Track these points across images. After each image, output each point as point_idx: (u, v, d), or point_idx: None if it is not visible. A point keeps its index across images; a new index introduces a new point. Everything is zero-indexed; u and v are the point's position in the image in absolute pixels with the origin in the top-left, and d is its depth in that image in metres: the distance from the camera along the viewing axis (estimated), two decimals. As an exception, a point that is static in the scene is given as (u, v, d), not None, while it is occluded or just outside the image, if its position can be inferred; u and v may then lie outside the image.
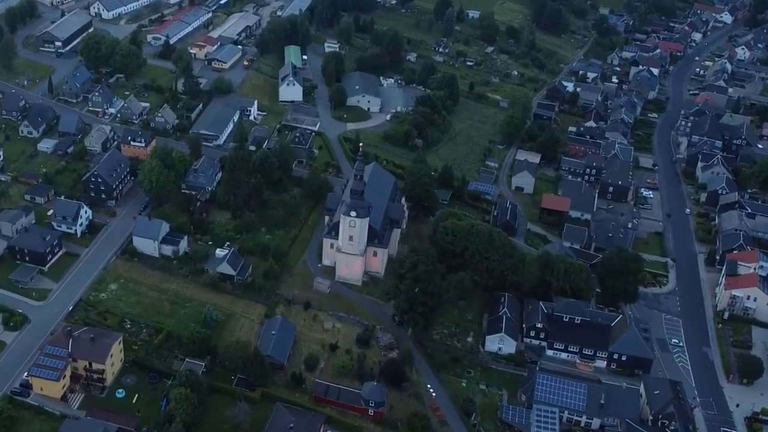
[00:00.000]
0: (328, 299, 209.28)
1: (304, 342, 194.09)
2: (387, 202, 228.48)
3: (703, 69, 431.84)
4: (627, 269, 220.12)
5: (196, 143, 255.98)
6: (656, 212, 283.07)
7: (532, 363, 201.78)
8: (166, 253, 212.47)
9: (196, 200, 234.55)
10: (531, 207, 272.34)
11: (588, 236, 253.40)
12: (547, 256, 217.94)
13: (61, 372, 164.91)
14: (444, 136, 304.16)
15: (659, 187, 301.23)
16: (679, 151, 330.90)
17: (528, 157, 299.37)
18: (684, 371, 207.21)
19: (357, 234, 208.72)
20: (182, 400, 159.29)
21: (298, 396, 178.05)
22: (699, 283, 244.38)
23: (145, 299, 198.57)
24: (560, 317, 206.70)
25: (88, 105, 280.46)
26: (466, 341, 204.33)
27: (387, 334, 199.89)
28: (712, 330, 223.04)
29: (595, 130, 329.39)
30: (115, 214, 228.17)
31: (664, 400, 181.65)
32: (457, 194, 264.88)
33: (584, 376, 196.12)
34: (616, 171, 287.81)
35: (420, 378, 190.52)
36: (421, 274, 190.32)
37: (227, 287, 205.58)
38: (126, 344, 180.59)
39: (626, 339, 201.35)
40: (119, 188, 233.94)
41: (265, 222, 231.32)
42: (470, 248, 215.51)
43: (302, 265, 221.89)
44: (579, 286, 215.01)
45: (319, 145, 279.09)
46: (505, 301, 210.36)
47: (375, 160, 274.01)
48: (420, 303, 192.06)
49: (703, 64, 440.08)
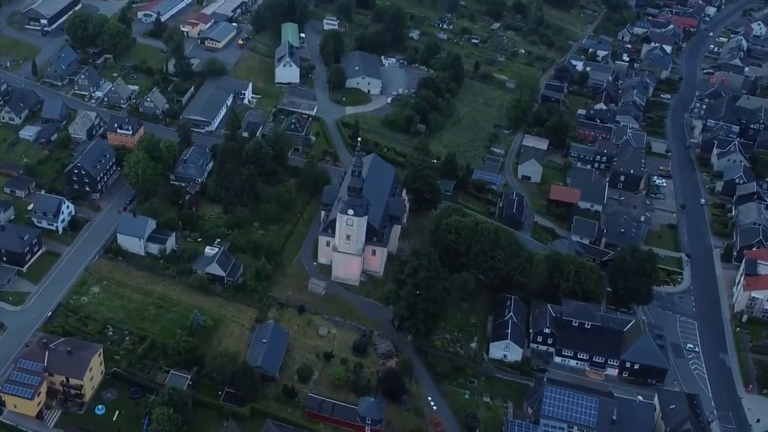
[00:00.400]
0: (323, 302, 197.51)
1: (297, 350, 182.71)
2: (387, 196, 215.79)
3: (718, 46, 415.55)
4: (641, 270, 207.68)
5: (187, 130, 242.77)
6: (669, 203, 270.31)
7: (539, 371, 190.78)
8: (152, 251, 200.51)
9: (185, 193, 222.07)
10: (538, 197, 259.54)
11: (598, 230, 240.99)
12: (556, 256, 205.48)
13: (36, 389, 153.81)
14: (447, 120, 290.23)
15: (672, 174, 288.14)
16: (693, 136, 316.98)
17: (535, 143, 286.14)
18: (700, 379, 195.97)
19: (355, 233, 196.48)
20: (165, 421, 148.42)
21: (290, 411, 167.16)
22: (715, 281, 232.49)
23: (129, 303, 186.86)
24: (569, 322, 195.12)
25: (73, 88, 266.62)
26: (469, 348, 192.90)
27: (385, 341, 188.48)
28: (729, 334, 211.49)
29: (606, 113, 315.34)
30: (99, 209, 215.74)
31: (681, 416, 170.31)
32: (461, 184, 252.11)
33: (594, 387, 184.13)
34: (628, 159, 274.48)
35: (420, 389, 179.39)
36: (422, 280, 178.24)
37: (216, 289, 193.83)
38: (107, 354, 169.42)
39: (640, 346, 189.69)
40: (104, 180, 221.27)
41: (258, 216, 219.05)
42: (475, 247, 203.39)
43: (297, 263, 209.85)
44: (589, 288, 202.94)
45: (316, 132, 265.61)
46: (511, 304, 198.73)
47: (375, 147, 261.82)
48: (421, 310, 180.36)
49: (718, 41, 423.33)
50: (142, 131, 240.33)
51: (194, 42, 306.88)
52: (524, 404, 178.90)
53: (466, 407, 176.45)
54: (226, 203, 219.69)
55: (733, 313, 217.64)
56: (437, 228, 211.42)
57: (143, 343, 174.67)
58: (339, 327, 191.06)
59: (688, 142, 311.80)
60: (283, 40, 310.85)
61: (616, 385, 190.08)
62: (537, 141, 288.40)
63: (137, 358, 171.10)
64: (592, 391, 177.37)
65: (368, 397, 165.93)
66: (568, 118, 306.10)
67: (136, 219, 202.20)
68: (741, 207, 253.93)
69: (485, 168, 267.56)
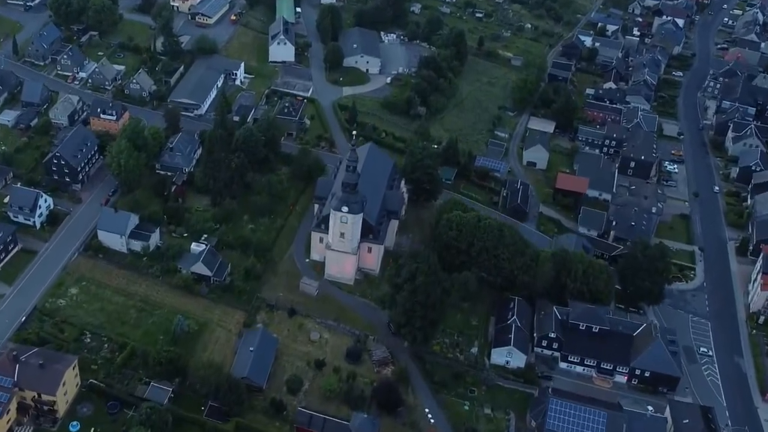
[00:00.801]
0: (315, 303, 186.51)
1: (287, 357, 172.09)
2: (384, 189, 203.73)
3: (732, 19, 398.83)
4: (652, 268, 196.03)
5: (174, 115, 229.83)
6: (682, 190, 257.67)
7: (544, 377, 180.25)
8: (135, 248, 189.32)
9: (171, 184, 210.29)
10: (544, 185, 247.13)
11: (607, 221, 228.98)
12: (563, 254, 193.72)
13: (5, 406, 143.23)
14: (449, 102, 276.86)
15: (685, 159, 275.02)
16: (706, 117, 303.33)
17: (541, 125, 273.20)
18: (713, 386, 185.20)
19: (349, 231, 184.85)
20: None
21: (278, 426, 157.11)
22: (730, 277, 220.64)
23: (109, 306, 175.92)
24: (576, 326, 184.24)
25: (56, 68, 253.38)
26: (469, 353, 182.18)
27: (381, 347, 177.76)
28: (744, 336, 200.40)
29: (615, 92, 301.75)
30: (80, 201, 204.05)
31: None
32: (463, 172, 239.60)
33: (601, 397, 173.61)
34: (639, 144, 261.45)
35: (417, 400, 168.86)
36: (420, 286, 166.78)
37: (202, 290, 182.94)
38: (84, 363, 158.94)
39: (651, 353, 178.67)
40: (85, 170, 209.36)
41: (247, 209, 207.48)
42: (477, 245, 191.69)
43: (288, 260, 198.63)
44: (598, 288, 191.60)
45: (311, 115, 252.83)
46: (514, 306, 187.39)
47: (373, 131, 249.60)
48: (419, 317, 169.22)
49: (732, 13, 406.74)
50: (127, 116, 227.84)
51: (185, 18, 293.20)
52: (527, 416, 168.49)
53: (466, 420, 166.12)
54: (215, 194, 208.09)
55: (748, 313, 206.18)
56: (437, 223, 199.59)
57: (123, 351, 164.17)
58: (332, 331, 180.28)
59: (702, 124, 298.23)
60: (278, 15, 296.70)
61: (624, 393, 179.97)
62: (543, 123, 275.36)
63: (116, 369, 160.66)
64: (600, 403, 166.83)
65: (361, 414, 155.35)
66: (575, 98, 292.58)
67: (117, 214, 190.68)
68: (758, 197, 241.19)
69: (488, 154, 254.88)
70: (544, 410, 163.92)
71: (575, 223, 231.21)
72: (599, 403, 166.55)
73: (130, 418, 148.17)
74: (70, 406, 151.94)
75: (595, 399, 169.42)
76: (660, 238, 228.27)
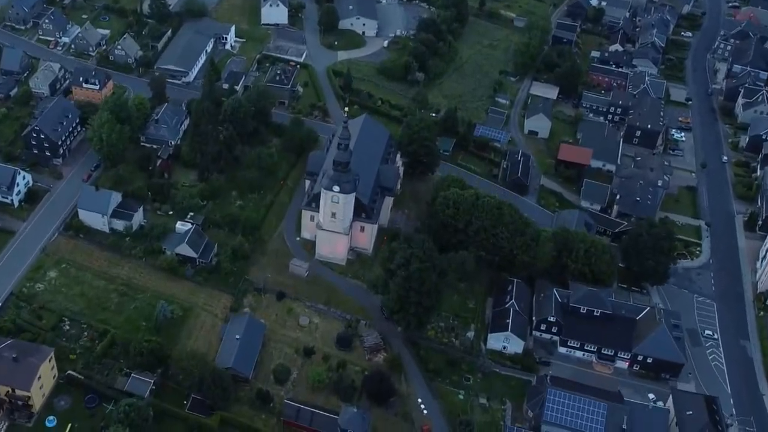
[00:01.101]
0: (305, 285, 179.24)
1: (274, 344, 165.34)
2: (379, 163, 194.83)
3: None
4: (658, 248, 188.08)
5: (160, 84, 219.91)
6: (689, 160, 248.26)
7: (542, 363, 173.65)
8: (117, 227, 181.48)
9: (156, 158, 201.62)
10: (546, 156, 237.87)
11: (610, 194, 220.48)
12: (565, 234, 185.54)
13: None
14: (449, 66, 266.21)
15: (692, 126, 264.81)
16: (716, 80, 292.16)
17: (544, 91, 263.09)
18: (718, 372, 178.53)
19: (341, 211, 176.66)
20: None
21: (265, 419, 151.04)
22: (737, 254, 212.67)
23: (90, 290, 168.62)
24: (577, 309, 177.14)
25: (38, 33, 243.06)
26: (465, 337, 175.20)
27: (373, 333, 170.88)
28: (751, 318, 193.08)
29: (622, 55, 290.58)
30: (61, 176, 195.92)
31: (699, 425, 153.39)
32: (462, 142, 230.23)
33: (601, 386, 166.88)
34: (646, 111, 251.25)
35: (410, 389, 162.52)
36: (414, 272, 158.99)
37: (187, 272, 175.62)
38: (62, 353, 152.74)
39: (654, 339, 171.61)
40: (67, 143, 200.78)
41: (236, 184, 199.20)
42: (475, 223, 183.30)
43: (278, 238, 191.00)
44: (601, 269, 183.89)
45: (304, 82, 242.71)
46: (513, 288, 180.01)
47: (368, 98, 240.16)
48: (413, 303, 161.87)
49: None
50: (111, 86, 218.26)
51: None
52: (524, 406, 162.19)
53: (460, 411, 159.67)
54: (202, 169, 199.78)
55: (756, 293, 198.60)
56: (434, 201, 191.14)
57: (103, 339, 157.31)
58: (322, 316, 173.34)
59: (710, 88, 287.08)
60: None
61: (625, 380, 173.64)
62: (546, 89, 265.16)
63: (95, 358, 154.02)
64: (600, 393, 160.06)
65: (351, 408, 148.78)
66: (580, 61, 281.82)
67: (98, 192, 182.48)
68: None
69: (488, 122, 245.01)
70: (541, 400, 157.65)
71: (577, 196, 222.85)
72: (599, 393, 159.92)
73: (109, 413, 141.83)
74: (47, 399, 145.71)
75: (595, 388, 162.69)
76: (665, 212, 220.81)
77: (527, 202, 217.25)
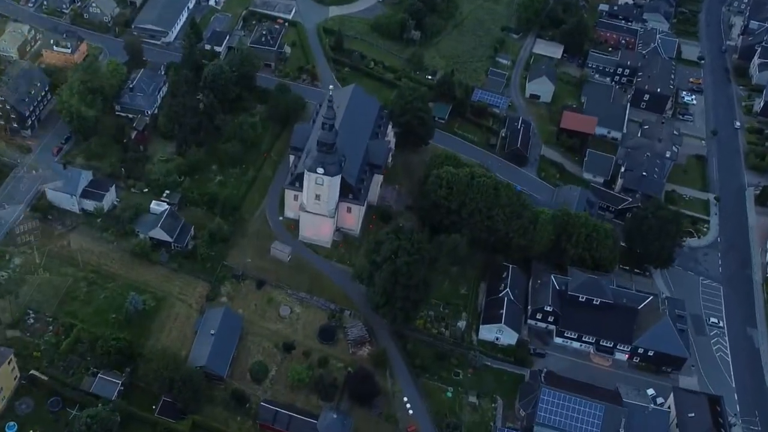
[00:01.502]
0: (287, 270, 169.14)
1: (252, 337, 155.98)
2: (368, 137, 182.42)
3: None
4: (663, 232, 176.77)
5: (136, 47, 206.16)
6: (699, 126, 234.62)
7: (537, 355, 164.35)
8: (88, 208, 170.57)
9: (131, 129, 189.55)
10: (548, 122, 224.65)
11: (615, 165, 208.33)
12: (565, 216, 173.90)
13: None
14: (447, 23, 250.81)
15: (704, 87, 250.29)
16: (730, 36, 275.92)
17: (548, 50, 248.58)
18: (722, 363, 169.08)
19: (325, 193, 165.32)
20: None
21: (240, 422, 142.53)
22: (746, 232, 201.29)
23: (56, 279, 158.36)
24: (575, 297, 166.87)
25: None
26: (456, 327, 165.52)
27: (357, 324, 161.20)
28: (760, 304, 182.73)
29: (632, 9, 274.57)
30: (29, 150, 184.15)
31: (702, 429, 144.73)
32: (458, 108, 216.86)
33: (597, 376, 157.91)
34: (656, 74, 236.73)
35: (395, 386, 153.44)
36: (401, 267, 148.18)
37: (162, 257, 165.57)
38: (25, 350, 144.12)
39: (657, 331, 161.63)
40: (35, 114, 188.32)
41: (216, 158, 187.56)
42: (469, 205, 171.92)
43: (260, 218, 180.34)
44: (602, 255, 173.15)
45: (292, 42, 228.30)
46: (508, 275, 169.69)
47: (361, 59, 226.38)
48: (400, 297, 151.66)
49: None
50: (85, 48, 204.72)
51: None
52: (516, 404, 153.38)
53: (448, 410, 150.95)
54: (180, 142, 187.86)
55: (765, 275, 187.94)
56: (426, 179, 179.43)
57: (69, 333, 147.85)
58: (304, 305, 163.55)
59: (725, 45, 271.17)
60: None
61: (624, 372, 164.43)
62: (550, 47, 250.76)
63: (60, 356, 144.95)
64: (597, 393, 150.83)
65: (330, 413, 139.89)
66: (587, 16, 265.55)
67: (67, 171, 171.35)
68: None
69: (488, 85, 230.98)
70: (534, 399, 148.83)
71: (580, 167, 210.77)
72: (597, 393, 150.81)
73: (73, 419, 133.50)
74: (7, 403, 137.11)
75: (592, 387, 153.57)
76: (672, 185, 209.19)
77: (527, 174, 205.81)
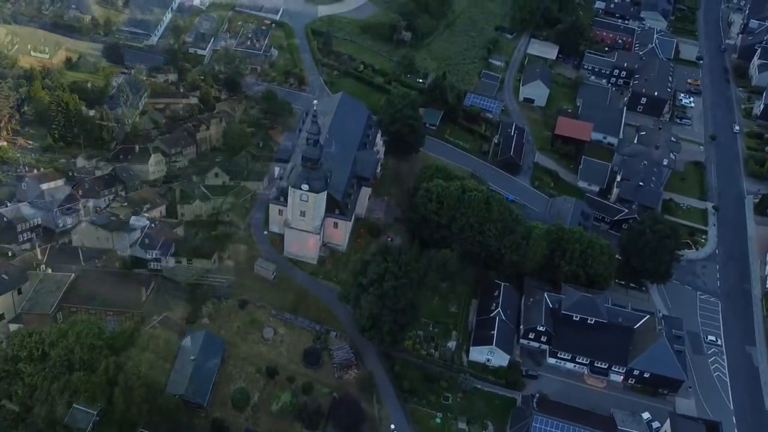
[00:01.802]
0: (271, 289, 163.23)
1: (234, 362, 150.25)
2: (356, 147, 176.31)
3: None
4: (661, 247, 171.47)
5: (116, 51, 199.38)
6: (697, 130, 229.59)
7: (529, 377, 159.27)
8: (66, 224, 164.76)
9: (112, 139, 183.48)
10: (542, 127, 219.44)
11: (611, 173, 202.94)
12: (559, 232, 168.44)
13: None
14: (439, 23, 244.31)
15: (702, 89, 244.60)
16: (729, 35, 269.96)
17: (543, 50, 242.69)
18: (720, 384, 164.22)
19: (310, 210, 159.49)
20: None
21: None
22: (746, 243, 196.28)
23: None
24: (569, 317, 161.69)
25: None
26: (446, 348, 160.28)
27: (344, 346, 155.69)
28: (759, 320, 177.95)
29: (629, 6, 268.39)
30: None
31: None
32: (450, 114, 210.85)
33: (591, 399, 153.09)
34: (653, 76, 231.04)
35: (382, 412, 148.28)
36: (388, 291, 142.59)
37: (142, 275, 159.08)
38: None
39: (653, 353, 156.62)
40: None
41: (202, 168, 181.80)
42: (460, 219, 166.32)
43: (244, 231, 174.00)
44: (597, 272, 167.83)
45: (279, 44, 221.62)
46: (500, 294, 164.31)
47: (350, 61, 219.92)
48: (387, 321, 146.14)
49: None
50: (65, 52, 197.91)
51: None
52: (508, 431, 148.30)
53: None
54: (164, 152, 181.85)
55: (764, 290, 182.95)
56: (415, 192, 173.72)
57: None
58: (288, 326, 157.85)
59: (724, 44, 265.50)
60: None
61: (619, 394, 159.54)
62: (545, 48, 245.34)
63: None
64: (591, 420, 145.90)
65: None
66: (583, 15, 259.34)
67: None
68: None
69: (481, 88, 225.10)
70: (526, 426, 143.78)
71: (575, 175, 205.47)
72: (590, 420, 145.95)
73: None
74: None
75: (587, 413, 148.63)
76: (670, 193, 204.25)
77: (520, 182, 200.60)
